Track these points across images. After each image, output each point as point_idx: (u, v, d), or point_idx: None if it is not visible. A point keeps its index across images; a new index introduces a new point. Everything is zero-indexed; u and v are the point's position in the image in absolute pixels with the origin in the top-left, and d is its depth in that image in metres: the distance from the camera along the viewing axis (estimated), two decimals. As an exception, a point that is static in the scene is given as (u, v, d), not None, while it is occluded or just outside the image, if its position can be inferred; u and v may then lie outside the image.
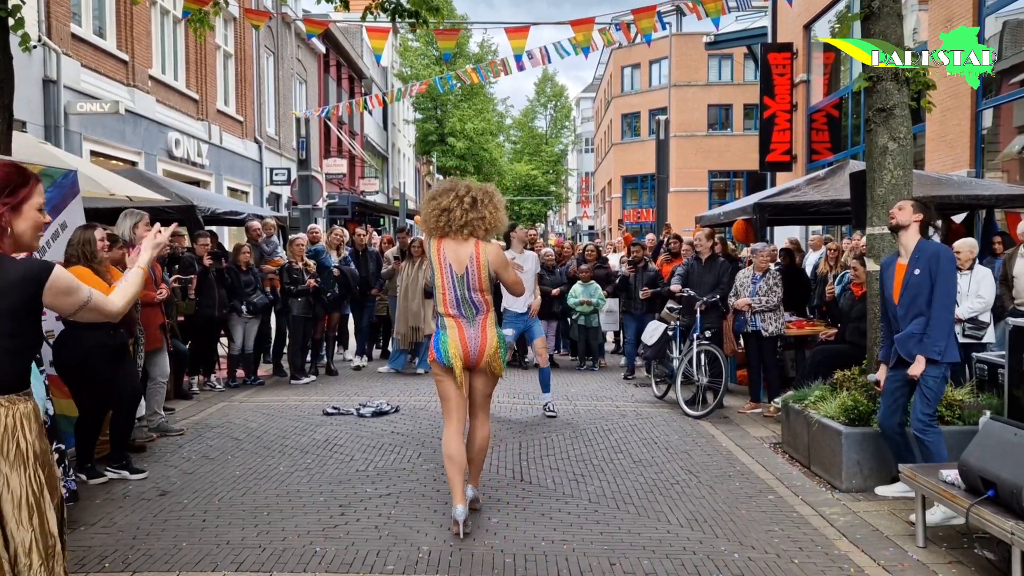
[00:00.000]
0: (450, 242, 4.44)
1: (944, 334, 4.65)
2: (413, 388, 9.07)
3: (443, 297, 4.49)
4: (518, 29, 9.35)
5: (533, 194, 52.45)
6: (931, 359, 4.64)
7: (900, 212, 4.82)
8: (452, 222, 4.40)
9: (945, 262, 4.66)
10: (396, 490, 5.24)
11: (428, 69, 35.22)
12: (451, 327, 4.49)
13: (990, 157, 11.60)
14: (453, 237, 4.44)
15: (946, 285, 4.64)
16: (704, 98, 37.50)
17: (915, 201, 4.88)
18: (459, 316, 4.49)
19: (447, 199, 4.42)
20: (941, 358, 4.64)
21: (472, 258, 4.41)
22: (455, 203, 4.40)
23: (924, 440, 4.69)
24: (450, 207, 4.40)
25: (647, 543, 4.31)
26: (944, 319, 4.65)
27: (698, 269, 8.36)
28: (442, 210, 4.42)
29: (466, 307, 4.48)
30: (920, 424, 4.69)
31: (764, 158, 17.81)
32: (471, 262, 4.40)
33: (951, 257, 4.71)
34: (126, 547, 4.23)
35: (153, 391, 6.74)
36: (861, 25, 6.04)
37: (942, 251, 4.74)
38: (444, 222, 4.42)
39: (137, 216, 6.68)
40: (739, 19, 25.44)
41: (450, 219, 4.40)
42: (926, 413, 4.69)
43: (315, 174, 18.23)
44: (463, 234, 4.41)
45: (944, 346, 4.63)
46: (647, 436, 6.82)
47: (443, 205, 4.43)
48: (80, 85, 12.03)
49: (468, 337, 4.47)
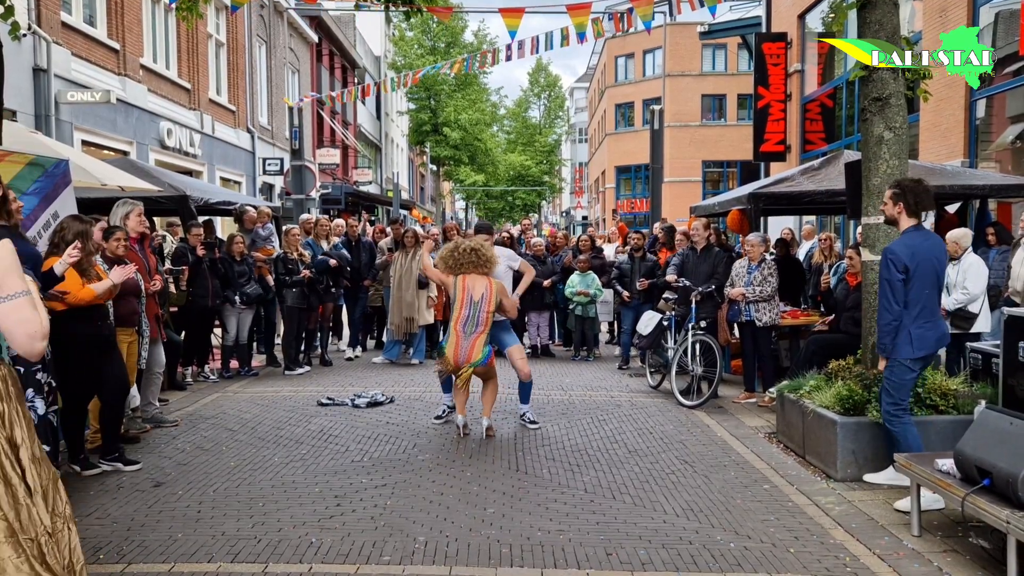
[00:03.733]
0: (471, 277, 6.42)
1: (884, 332, 4.80)
2: (408, 378, 9.06)
3: (457, 316, 6.33)
4: (513, 9, 9.36)
5: (527, 184, 52.35)
6: (878, 354, 4.90)
7: (885, 207, 4.97)
8: (467, 266, 6.43)
9: (882, 263, 4.86)
10: (392, 481, 5.23)
11: (422, 59, 35.04)
12: (452, 340, 6.32)
13: (984, 147, 11.62)
14: (471, 274, 6.41)
15: (881, 285, 4.85)
16: (698, 88, 37.43)
17: (893, 190, 4.90)
18: (462, 332, 6.29)
19: (465, 258, 6.44)
20: (884, 354, 4.84)
21: (487, 287, 6.38)
22: (471, 256, 6.44)
23: (891, 430, 4.84)
24: (467, 260, 6.43)
25: (643, 533, 4.32)
26: (880, 317, 4.86)
27: (693, 259, 8.36)
28: (461, 264, 6.44)
29: (471, 324, 6.30)
30: (885, 414, 4.87)
31: (758, 148, 17.79)
32: (486, 290, 6.36)
33: (889, 258, 4.78)
34: (120, 538, 4.21)
35: (149, 381, 6.72)
36: (857, 14, 6.03)
37: (884, 251, 4.89)
38: (466, 268, 6.42)
39: (130, 206, 6.64)
40: (733, 9, 25.37)
41: (465, 264, 6.43)
42: (888, 403, 4.86)
43: (308, 164, 18.13)
44: (478, 271, 6.42)
45: (888, 343, 4.78)
46: (642, 426, 6.83)
47: (461, 261, 6.44)
48: (71, 74, 11.92)
49: (461, 348, 6.29)
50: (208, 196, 10.24)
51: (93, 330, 5.28)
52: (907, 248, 4.75)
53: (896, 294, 4.72)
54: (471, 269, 6.41)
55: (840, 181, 7.41)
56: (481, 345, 6.29)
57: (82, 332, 5.19)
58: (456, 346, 6.26)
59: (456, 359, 6.26)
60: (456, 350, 6.26)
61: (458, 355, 6.25)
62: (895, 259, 4.73)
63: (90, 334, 5.26)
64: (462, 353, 6.24)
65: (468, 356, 6.23)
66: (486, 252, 6.50)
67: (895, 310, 4.73)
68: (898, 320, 4.73)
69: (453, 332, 6.31)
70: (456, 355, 6.25)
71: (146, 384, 6.69)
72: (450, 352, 6.28)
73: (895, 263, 4.72)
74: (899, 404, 4.82)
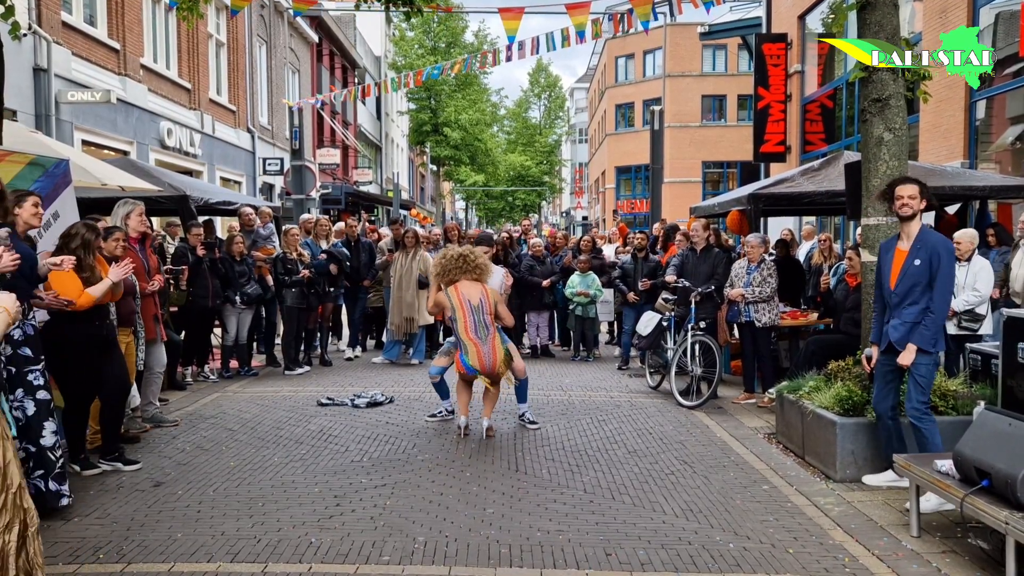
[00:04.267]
0: (463, 283, 6.35)
1: (940, 326, 4.72)
2: (407, 379, 9.06)
3: (464, 324, 6.26)
4: (512, 10, 9.35)
5: (527, 185, 52.35)
6: (924, 349, 4.70)
7: (913, 201, 4.75)
8: (456, 272, 6.39)
9: (946, 255, 4.70)
10: (391, 481, 5.23)
11: (422, 59, 35.02)
12: (471, 350, 6.26)
13: (984, 148, 11.63)
14: (466, 278, 6.36)
15: (946, 278, 4.68)
16: (698, 88, 37.42)
17: (920, 186, 4.83)
18: (476, 339, 6.24)
19: (453, 264, 6.41)
20: (934, 349, 4.72)
21: (482, 292, 6.34)
22: (459, 262, 6.40)
23: (921, 428, 4.73)
24: (455, 266, 6.39)
25: (642, 533, 4.32)
26: (942, 312, 4.72)
27: (693, 260, 8.36)
28: (449, 270, 6.41)
29: (481, 329, 6.25)
30: (916, 412, 4.75)
31: (758, 149, 17.80)
32: (483, 295, 6.32)
33: (951, 250, 4.74)
34: (120, 538, 4.21)
35: (149, 381, 6.72)
36: (857, 15, 6.02)
37: (943, 244, 4.75)
38: (454, 274, 6.39)
39: (131, 206, 6.65)
40: (734, 9, 25.37)
41: (453, 270, 6.39)
42: (921, 400, 4.75)
43: (308, 164, 18.12)
44: (469, 277, 6.38)
45: (940, 338, 4.73)
46: (642, 426, 6.83)
47: (450, 268, 6.41)
48: (71, 74, 11.92)
49: (484, 354, 6.25)
50: (208, 196, 10.25)
51: (93, 330, 5.28)
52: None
53: (952, 287, 4.70)
54: (461, 275, 6.37)
55: (840, 182, 7.42)
56: (500, 345, 6.31)
57: (82, 332, 5.19)
58: (479, 355, 6.22)
59: (484, 367, 6.25)
60: (481, 359, 6.22)
61: (483, 362, 6.23)
62: (952, 251, 4.71)
63: (90, 334, 5.25)
64: (486, 359, 6.23)
65: (493, 359, 6.25)
66: (475, 258, 6.44)
67: (949, 303, 4.71)
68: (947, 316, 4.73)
69: (468, 342, 6.24)
70: (482, 363, 6.23)
71: (146, 384, 6.69)
72: (476, 362, 6.23)
73: (955, 256, 4.67)
74: (928, 401, 4.80)
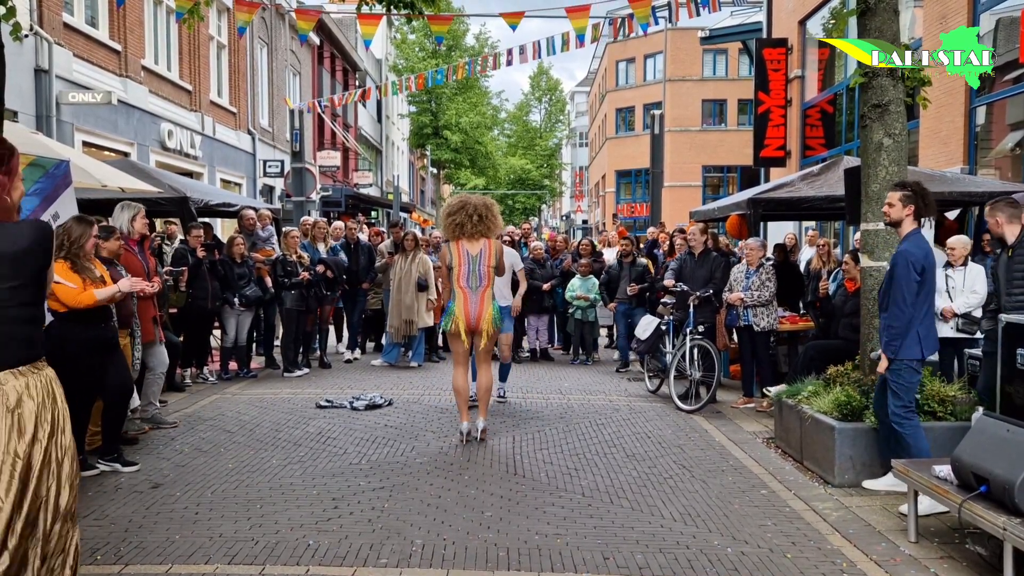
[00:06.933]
0: (465, 241, 6.18)
1: (897, 333, 4.76)
2: (406, 381, 9.06)
3: (459, 271, 6.13)
4: (513, 13, 9.44)
5: (527, 188, 52.37)
6: (887, 356, 4.82)
7: (891, 208, 4.89)
8: (465, 231, 6.16)
9: (900, 264, 4.76)
10: (389, 483, 5.23)
11: (424, 62, 35.06)
12: (459, 298, 6.11)
13: (983, 154, 11.63)
14: (467, 239, 6.17)
15: (899, 286, 4.74)
16: (698, 93, 37.46)
17: (904, 192, 4.88)
18: (467, 287, 6.10)
19: (461, 216, 6.17)
20: (894, 355, 4.79)
21: (484, 245, 6.18)
22: (466, 219, 6.16)
23: (901, 432, 4.82)
24: (463, 222, 6.16)
25: (640, 537, 4.32)
26: (896, 317, 4.76)
27: (691, 264, 8.37)
28: (457, 224, 6.18)
29: (474, 278, 6.11)
30: (896, 417, 4.84)
31: (758, 153, 17.82)
32: (484, 247, 6.17)
33: (909, 260, 4.74)
34: (118, 540, 4.21)
35: (151, 381, 6.72)
36: (857, 21, 6.04)
37: (900, 252, 4.82)
38: (459, 231, 6.18)
39: (134, 209, 6.67)
40: (734, 14, 25.43)
41: (463, 229, 6.16)
42: (898, 405, 4.83)
43: (309, 166, 18.16)
44: (475, 236, 6.17)
45: (898, 344, 4.76)
46: (640, 430, 6.83)
47: (458, 221, 6.18)
48: (72, 75, 11.94)
49: (471, 304, 6.09)
50: (208, 198, 10.25)
51: (95, 332, 5.28)
52: (921, 250, 4.77)
53: (911, 295, 4.71)
54: (470, 230, 6.16)
55: (839, 187, 7.43)
56: (489, 300, 6.16)
57: (84, 334, 5.19)
58: (465, 302, 6.11)
59: (468, 317, 6.10)
60: (466, 306, 6.10)
61: (468, 312, 6.09)
62: (914, 260, 4.72)
63: (92, 336, 5.25)
64: (472, 309, 6.09)
65: (479, 313, 6.10)
66: (484, 211, 6.23)
67: (909, 311, 4.72)
68: (911, 321, 4.74)
69: (458, 290, 6.15)
70: (467, 312, 6.09)
71: (148, 384, 6.69)
72: (460, 310, 6.10)
73: (914, 264, 4.70)
74: (908, 406, 4.83)
